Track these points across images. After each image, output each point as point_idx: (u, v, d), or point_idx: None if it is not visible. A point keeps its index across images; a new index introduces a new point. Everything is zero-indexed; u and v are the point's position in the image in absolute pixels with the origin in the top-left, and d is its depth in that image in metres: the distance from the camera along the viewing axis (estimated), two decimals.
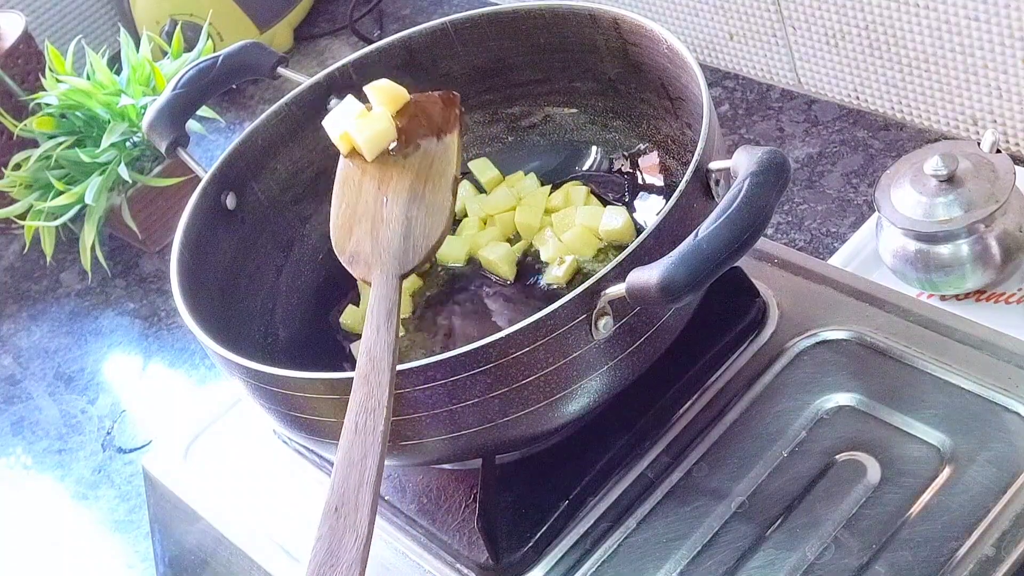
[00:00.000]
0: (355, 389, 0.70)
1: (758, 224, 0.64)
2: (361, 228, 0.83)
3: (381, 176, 0.86)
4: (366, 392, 0.70)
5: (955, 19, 1.13)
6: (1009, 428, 0.75)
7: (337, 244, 0.83)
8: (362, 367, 0.71)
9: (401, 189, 0.84)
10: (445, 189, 0.84)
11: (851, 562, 0.71)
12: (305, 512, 0.88)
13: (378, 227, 0.82)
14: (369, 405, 0.69)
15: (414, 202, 0.83)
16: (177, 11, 1.83)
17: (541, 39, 0.94)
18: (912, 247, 1.01)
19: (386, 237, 0.82)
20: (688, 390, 0.84)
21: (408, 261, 0.80)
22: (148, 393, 1.45)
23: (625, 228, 0.90)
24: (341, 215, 0.84)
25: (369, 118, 0.87)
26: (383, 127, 0.87)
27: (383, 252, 0.81)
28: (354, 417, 0.69)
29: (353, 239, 0.83)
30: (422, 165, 0.86)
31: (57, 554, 1.31)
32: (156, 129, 0.94)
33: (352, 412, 0.69)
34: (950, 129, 1.23)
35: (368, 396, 0.69)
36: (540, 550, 0.78)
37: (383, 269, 0.79)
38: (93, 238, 1.54)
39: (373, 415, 0.69)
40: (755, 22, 1.34)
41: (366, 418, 0.69)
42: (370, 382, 0.70)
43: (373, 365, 0.71)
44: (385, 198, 0.84)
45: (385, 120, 0.87)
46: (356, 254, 0.82)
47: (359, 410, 0.69)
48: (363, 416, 0.69)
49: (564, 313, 0.69)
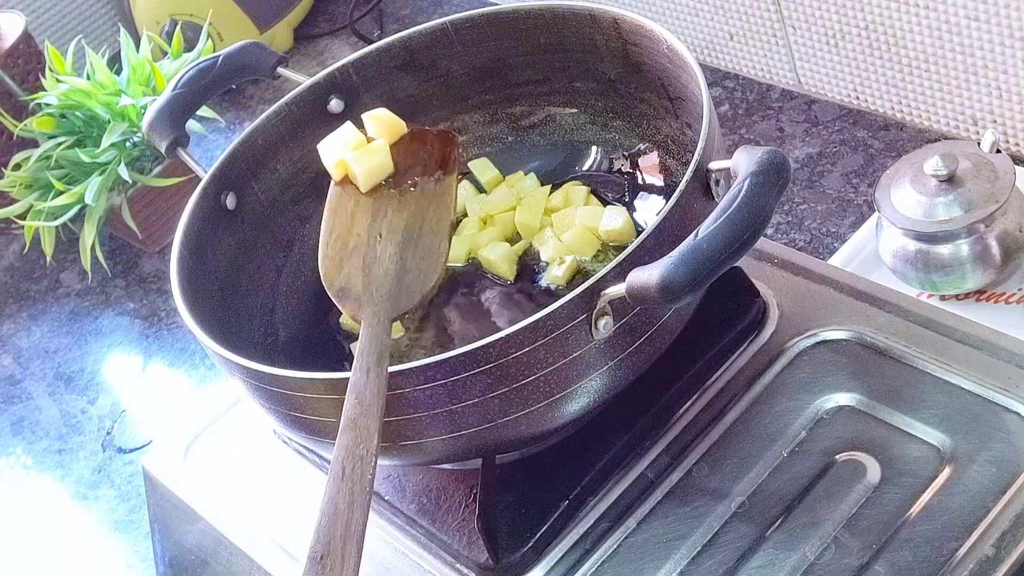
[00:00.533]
0: (342, 432, 0.69)
1: (758, 224, 0.64)
2: (352, 263, 0.81)
3: (375, 209, 0.85)
4: (354, 438, 0.68)
5: (955, 19, 1.13)
6: (1009, 428, 0.75)
7: (326, 276, 0.82)
8: (350, 410, 0.69)
9: (396, 227, 0.83)
10: (442, 234, 0.83)
11: (851, 562, 0.71)
12: (305, 512, 0.88)
13: (371, 264, 0.81)
14: (357, 452, 0.68)
15: (410, 244, 0.82)
16: (177, 11, 1.83)
17: (541, 39, 0.94)
18: (912, 247, 1.01)
19: (379, 276, 0.80)
20: (688, 390, 0.84)
21: (401, 304, 0.79)
22: (148, 393, 1.45)
23: (625, 228, 0.90)
24: (331, 246, 0.83)
25: (367, 150, 0.86)
26: (381, 160, 0.86)
27: (375, 292, 0.79)
28: (341, 462, 0.68)
29: (343, 273, 0.81)
30: (419, 206, 0.85)
31: (57, 554, 1.31)
32: (156, 129, 0.94)
33: (339, 456, 0.68)
34: (950, 129, 1.23)
35: (356, 442, 0.68)
36: (540, 550, 0.78)
37: (375, 311, 0.77)
38: (93, 238, 1.54)
39: (361, 463, 0.68)
40: (755, 22, 1.34)
41: (353, 465, 0.68)
42: (358, 426, 0.69)
43: (362, 409, 0.69)
44: (379, 234, 0.83)
45: (384, 153, 0.87)
46: (346, 290, 0.80)
47: (346, 456, 0.68)
48: (350, 463, 0.68)
49: (564, 313, 0.69)
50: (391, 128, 0.88)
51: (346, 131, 0.87)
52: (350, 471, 0.67)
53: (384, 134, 0.88)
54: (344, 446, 0.68)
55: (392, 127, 0.88)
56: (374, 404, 0.69)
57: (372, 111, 0.89)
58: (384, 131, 0.88)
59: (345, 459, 0.68)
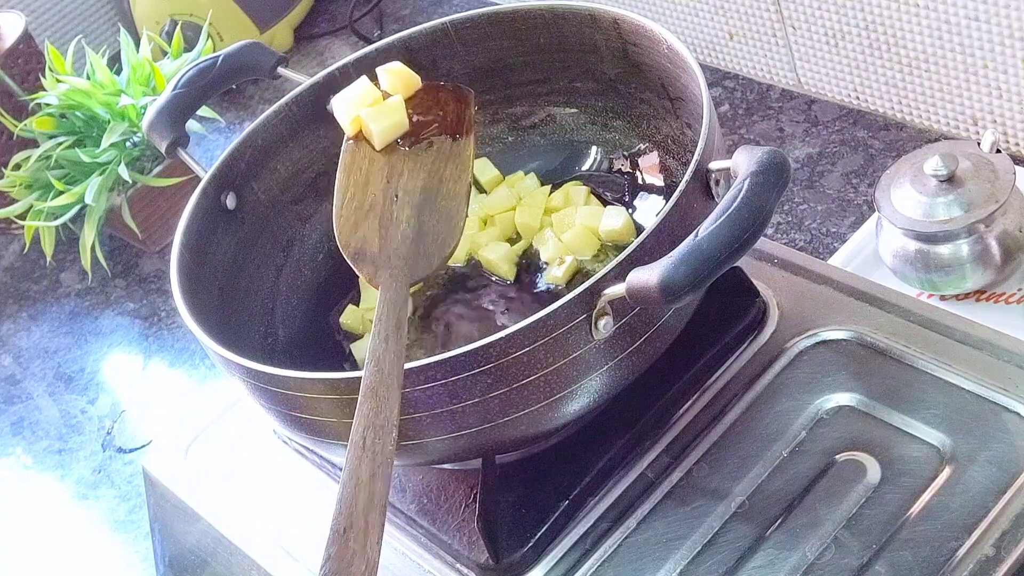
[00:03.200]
0: (362, 401, 0.67)
1: (758, 224, 0.64)
2: (368, 223, 0.79)
3: (390, 168, 0.82)
4: (374, 407, 0.67)
5: (955, 19, 1.13)
6: (1009, 428, 0.75)
7: (341, 236, 0.79)
8: (369, 378, 0.68)
9: (413, 188, 0.81)
10: (460, 197, 0.81)
11: (851, 562, 0.71)
12: (305, 512, 0.89)
13: (387, 225, 0.79)
14: (377, 422, 0.67)
15: (427, 205, 0.80)
16: (177, 11, 1.83)
17: (541, 39, 0.94)
18: (912, 247, 1.01)
19: (396, 238, 0.78)
20: (688, 390, 0.84)
21: (419, 269, 0.77)
22: (148, 393, 1.45)
23: (625, 228, 0.90)
24: (346, 205, 0.80)
25: (384, 107, 0.84)
26: (398, 118, 0.84)
27: (393, 255, 0.77)
28: (362, 432, 0.66)
29: (359, 233, 0.79)
30: (435, 166, 0.83)
31: (57, 554, 1.31)
32: (156, 129, 0.94)
33: (359, 426, 0.67)
34: (950, 129, 1.23)
35: (376, 411, 0.67)
36: (540, 550, 0.78)
37: (392, 274, 0.75)
38: (93, 238, 1.54)
39: (382, 432, 0.66)
40: (755, 22, 1.34)
41: (374, 436, 0.66)
42: (379, 396, 0.67)
43: (382, 377, 0.68)
44: (395, 195, 0.80)
45: (400, 111, 0.84)
46: (362, 251, 0.78)
47: (367, 425, 0.66)
48: (371, 433, 0.66)
49: (564, 313, 0.69)
50: (406, 82, 0.86)
51: (361, 86, 0.85)
52: (371, 441, 0.66)
53: (399, 88, 0.86)
54: (365, 415, 0.67)
55: (407, 81, 0.86)
56: (393, 372, 0.68)
57: (387, 64, 0.86)
58: (399, 85, 0.86)
59: (366, 429, 0.66)
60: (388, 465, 0.66)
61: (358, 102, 0.85)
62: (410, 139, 0.84)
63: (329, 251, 0.97)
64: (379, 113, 0.84)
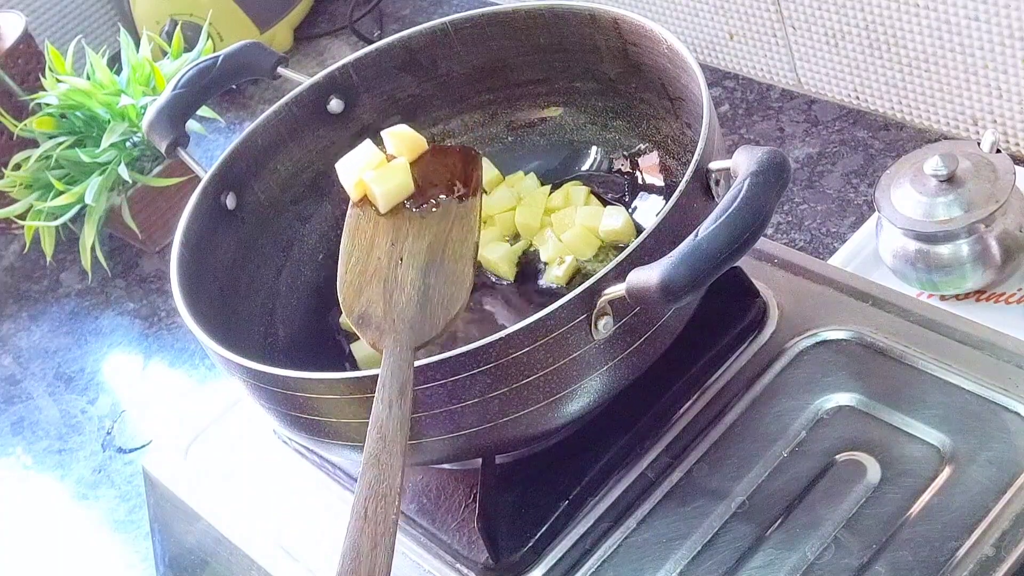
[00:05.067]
0: (364, 469, 0.66)
1: (758, 224, 0.64)
2: (372, 288, 0.78)
3: (395, 231, 0.81)
4: (376, 475, 0.66)
5: (955, 19, 1.13)
6: (1009, 428, 0.75)
7: (345, 301, 0.78)
8: (372, 445, 0.67)
9: (418, 251, 0.80)
10: (466, 258, 0.79)
11: (851, 562, 0.71)
12: (305, 512, 0.89)
13: (391, 290, 0.77)
14: (380, 490, 0.65)
15: (432, 267, 0.78)
16: (177, 11, 1.83)
17: (541, 39, 0.94)
18: (912, 247, 1.01)
19: (400, 303, 0.76)
20: (688, 390, 0.84)
21: (424, 332, 0.74)
22: (148, 393, 1.45)
23: (625, 228, 0.90)
24: (350, 270, 0.79)
25: (387, 169, 0.83)
26: (402, 180, 0.83)
27: (397, 319, 0.75)
28: (363, 502, 0.65)
29: (363, 299, 0.77)
30: (441, 227, 0.81)
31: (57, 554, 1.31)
32: (156, 129, 0.94)
33: (361, 496, 0.65)
34: (950, 129, 1.23)
35: (379, 479, 0.65)
36: (540, 550, 0.78)
37: (397, 339, 0.73)
38: (93, 238, 1.54)
39: (384, 501, 0.65)
40: (755, 22, 1.34)
41: (376, 505, 0.65)
42: (381, 463, 0.66)
43: (384, 445, 0.66)
44: (400, 258, 0.79)
45: (404, 173, 0.83)
46: (366, 315, 0.76)
47: (368, 494, 0.65)
48: (373, 502, 0.65)
49: (564, 313, 0.69)
50: (412, 145, 0.85)
51: (365, 150, 0.84)
52: (372, 511, 0.64)
53: (404, 151, 0.85)
54: (367, 483, 0.65)
55: (413, 144, 0.85)
56: (397, 439, 0.67)
57: (392, 127, 0.85)
58: (404, 148, 0.85)
59: (368, 499, 0.65)
60: (391, 535, 0.64)
61: (362, 166, 0.83)
62: (416, 201, 0.83)
63: (329, 251, 0.97)
64: (383, 176, 0.83)
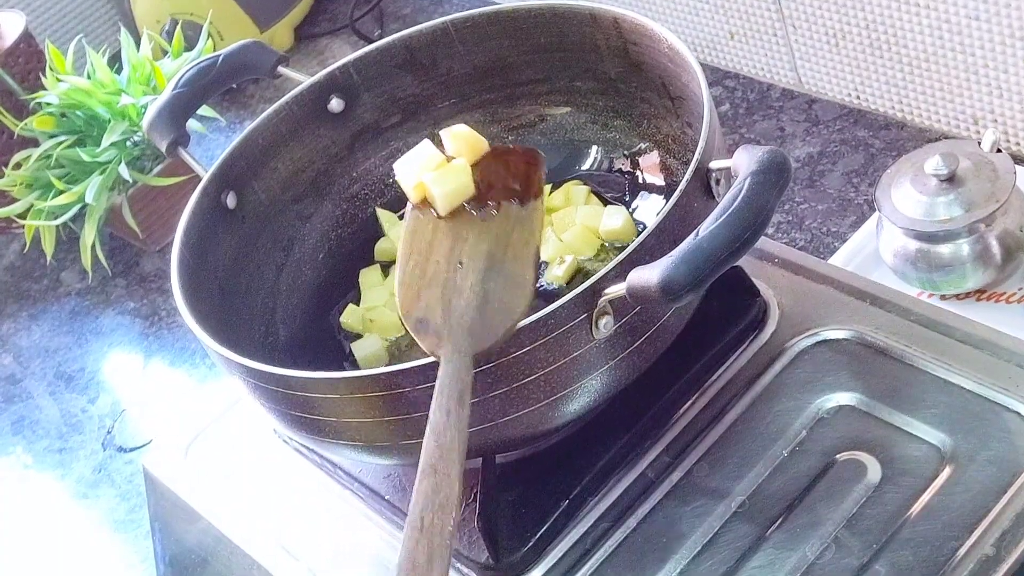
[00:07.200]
0: (420, 479, 0.64)
1: (759, 223, 0.64)
2: (431, 292, 0.75)
3: (455, 235, 0.78)
4: (433, 484, 0.64)
5: (956, 18, 1.13)
6: (1009, 428, 0.75)
7: (403, 306, 0.75)
8: (429, 454, 0.65)
9: (478, 255, 0.77)
10: (527, 262, 0.76)
11: (851, 562, 0.71)
12: (305, 511, 0.89)
13: (450, 295, 0.74)
14: (437, 500, 0.63)
15: (492, 272, 0.76)
16: (177, 10, 1.83)
17: (541, 38, 0.94)
18: (912, 246, 1.01)
19: (459, 308, 0.73)
20: (688, 390, 0.84)
21: (484, 339, 0.71)
22: (148, 392, 1.45)
23: (625, 228, 0.90)
24: (409, 273, 0.77)
25: (447, 170, 0.81)
26: (463, 182, 0.80)
27: (456, 325, 0.72)
28: (419, 512, 0.63)
29: (422, 303, 0.74)
30: (502, 230, 0.79)
31: (57, 554, 1.31)
32: (156, 128, 0.94)
33: (417, 506, 0.63)
34: (951, 128, 1.23)
35: (436, 490, 0.64)
36: (540, 550, 0.78)
37: (455, 345, 0.70)
38: (93, 237, 1.54)
39: (442, 512, 0.63)
40: (756, 21, 1.34)
41: (433, 516, 0.63)
42: (438, 472, 0.64)
43: (442, 453, 0.65)
44: (460, 262, 0.77)
45: (465, 174, 0.81)
46: (425, 321, 0.73)
47: (425, 504, 0.63)
48: (430, 513, 0.63)
49: (564, 313, 0.69)
50: (472, 146, 0.82)
51: (424, 150, 0.82)
52: (429, 522, 0.63)
53: (464, 152, 0.82)
54: (424, 493, 0.64)
55: (473, 145, 0.82)
56: (455, 448, 0.65)
57: (452, 127, 0.83)
58: (464, 149, 0.82)
59: (424, 509, 0.63)
60: (447, 547, 0.62)
61: (422, 167, 0.81)
62: (477, 204, 0.81)
63: (329, 250, 0.97)
64: (442, 177, 0.80)
